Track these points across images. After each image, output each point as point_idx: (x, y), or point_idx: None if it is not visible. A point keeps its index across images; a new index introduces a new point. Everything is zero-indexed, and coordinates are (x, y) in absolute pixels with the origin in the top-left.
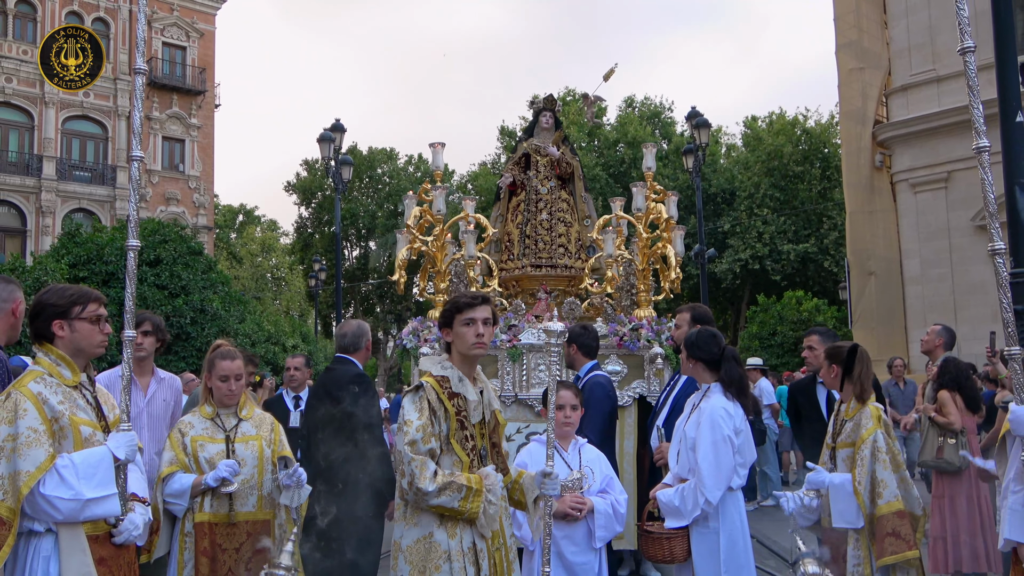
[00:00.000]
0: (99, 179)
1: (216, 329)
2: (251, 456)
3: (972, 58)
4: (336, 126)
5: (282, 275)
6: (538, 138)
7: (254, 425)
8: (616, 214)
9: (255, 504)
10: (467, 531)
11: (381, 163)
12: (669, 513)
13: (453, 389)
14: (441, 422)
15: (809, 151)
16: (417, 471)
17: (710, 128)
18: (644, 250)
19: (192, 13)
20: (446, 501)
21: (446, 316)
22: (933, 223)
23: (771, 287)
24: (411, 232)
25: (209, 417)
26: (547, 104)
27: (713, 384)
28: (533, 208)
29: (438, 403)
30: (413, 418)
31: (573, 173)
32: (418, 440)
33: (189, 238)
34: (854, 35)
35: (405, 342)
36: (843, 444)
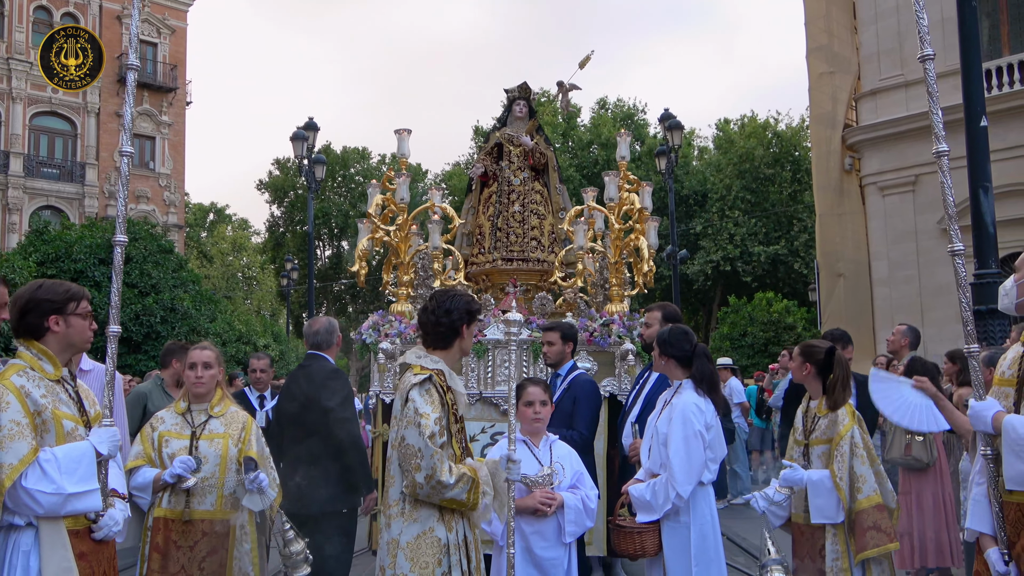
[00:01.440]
0: (67, 176)
1: (187, 328)
2: (214, 454)
3: (931, 65)
4: (309, 125)
5: (253, 274)
6: (511, 127)
7: (224, 423)
8: (588, 205)
9: (214, 503)
10: (461, 524)
11: (354, 162)
12: (641, 507)
13: (447, 383)
14: (446, 415)
15: (780, 154)
16: (438, 464)
17: (683, 130)
18: (617, 242)
19: (163, 9)
20: (458, 493)
21: (471, 316)
22: (901, 226)
23: (742, 288)
24: (372, 221)
25: (181, 412)
26: (521, 92)
27: (685, 380)
28: (505, 200)
29: (443, 396)
30: (428, 411)
31: (547, 164)
32: (436, 433)
33: (159, 236)
34: (824, 40)
35: (365, 337)
36: (818, 441)
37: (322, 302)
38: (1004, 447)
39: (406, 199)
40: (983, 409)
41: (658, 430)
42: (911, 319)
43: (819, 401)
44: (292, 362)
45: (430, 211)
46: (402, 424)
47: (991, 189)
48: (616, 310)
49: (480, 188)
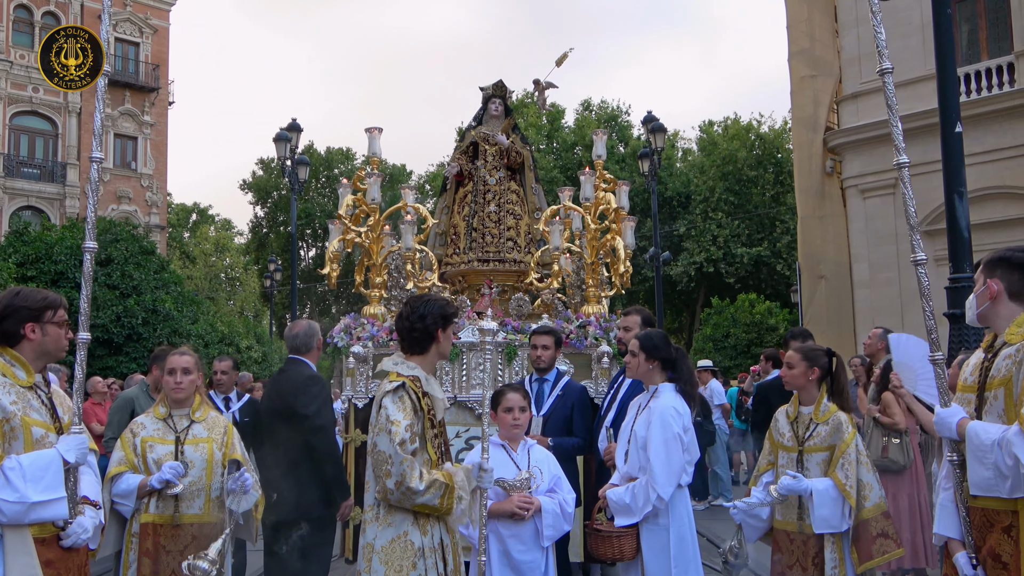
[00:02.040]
0: (48, 176)
1: (168, 330)
2: (200, 458)
3: (890, 79)
4: (292, 126)
5: (236, 275)
6: (487, 126)
7: (206, 428)
8: (564, 204)
9: (202, 506)
10: (437, 528)
11: (338, 163)
12: (619, 511)
13: (424, 388)
14: (420, 421)
15: (763, 156)
16: (408, 471)
17: (665, 133)
18: (593, 242)
19: (146, 9)
20: (429, 499)
21: (446, 319)
22: (881, 228)
23: (725, 290)
24: (343, 222)
25: (162, 418)
26: (497, 91)
27: (663, 384)
28: (481, 200)
29: (417, 403)
30: (400, 418)
31: (523, 163)
32: (407, 440)
33: (141, 237)
34: (806, 43)
35: (336, 340)
36: (817, 448)
37: (306, 303)
38: (968, 453)
39: (377, 199)
40: (948, 416)
41: (636, 434)
42: (891, 321)
43: (815, 407)
44: (275, 364)
45: (403, 211)
46: (375, 431)
47: (966, 194)
48: (593, 312)
49: (455, 187)
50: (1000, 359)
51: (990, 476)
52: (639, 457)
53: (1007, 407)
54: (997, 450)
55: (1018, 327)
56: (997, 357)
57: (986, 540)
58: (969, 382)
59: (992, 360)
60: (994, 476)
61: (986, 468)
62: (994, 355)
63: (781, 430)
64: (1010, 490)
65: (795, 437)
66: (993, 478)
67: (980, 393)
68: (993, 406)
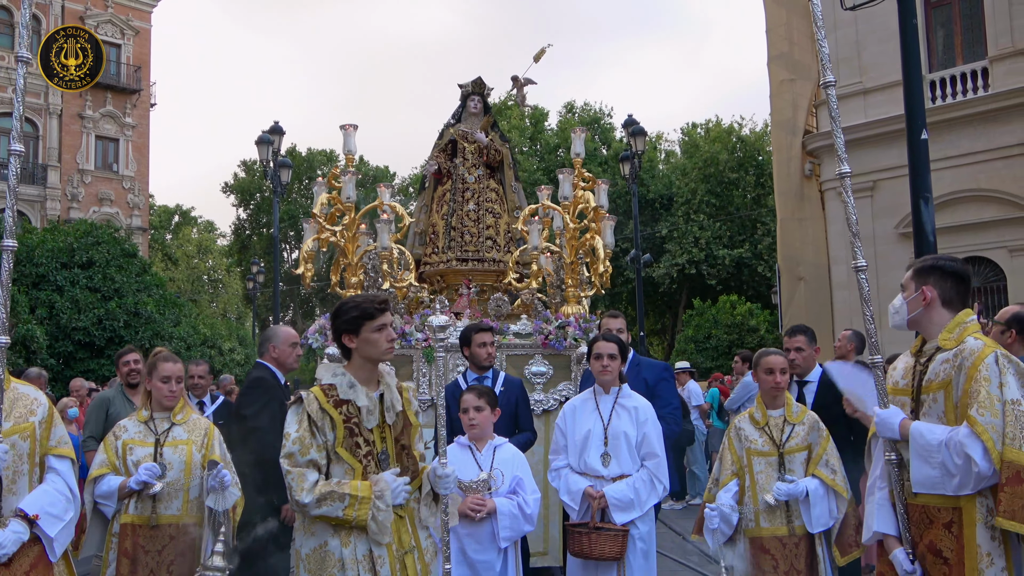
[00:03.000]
0: (28, 178)
1: (150, 332)
2: (178, 460)
3: (833, 91)
4: (275, 128)
5: (219, 277)
6: (466, 123)
7: (187, 430)
8: (542, 203)
9: (179, 508)
10: (362, 539)
11: (321, 165)
12: (623, 508)
13: (340, 396)
14: (327, 431)
15: (744, 158)
16: (295, 483)
17: (646, 136)
18: (572, 241)
19: (127, 10)
20: (328, 511)
21: (354, 323)
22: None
23: (707, 291)
24: (318, 221)
25: (143, 420)
26: (475, 88)
27: (624, 385)
28: (459, 198)
29: (320, 413)
30: (292, 431)
31: (503, 161)
32: (295, 452)
33: (123, 240)
34: (785, 47)
35: (311, 341)
36: (798, 448)
37: (288, 305)
38: (912, 453)
39: (353, 197)
40: (889, 417)
41: (626, 434)
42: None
43: (786, 409)
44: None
45: (379, 210)
46: None
47: (931, 200)
48: (572, 312)
49: (434, 186)
50: (937, 364)
51: (936, 475)
52: (630, 455)
53: (947, 409)
54: (945, 450)
55: (950, 333)
56: (932, 362)
57: (924, 536)
58: (901, 385)
59: (927, 364)
60: (940, 475)
61: (932, 467)
62: (928, 360)
63: (750, 437)
64: (957, 487)
65: (771, 441)
66: (939, 476)
67: (916, 396)
68: (932, 408)
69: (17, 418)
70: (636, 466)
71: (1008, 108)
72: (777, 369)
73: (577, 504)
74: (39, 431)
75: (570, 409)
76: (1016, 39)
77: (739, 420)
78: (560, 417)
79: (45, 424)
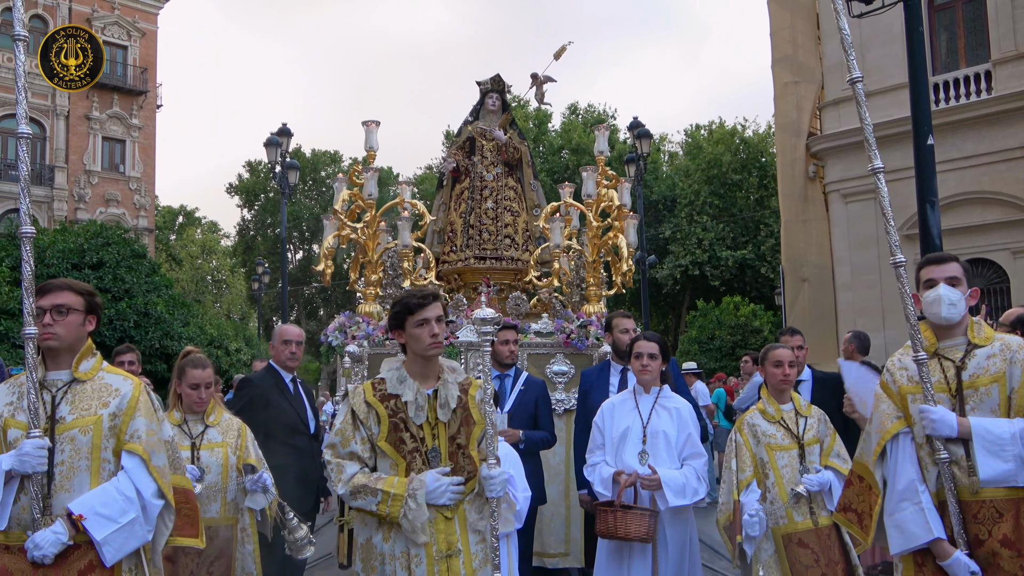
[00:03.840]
0: (36, 179)
1: (160, 333)
2: (216, 463)
3: (861, 87)
4: (283, 130)
5: (223, 278)
6: (484, 121)
7: (221, 432)
8: (565, 201)
9: (218, 510)
10: (401, 536)
11: (325, 165)
12: (675, 491)
13: (389, 390)
14: (372, 425)
15: (747, 160)
16: (333, 474)
17: (651, 138)
18: (594, 240)
19: (134, 12)
20: (363, 504)
21: (397, 318)
22: (863, 232)
23: (710, 292)
24: (339, 218)
25: (177, 423)
26: (494, 85)
27: (665, 386)
28: (478, 196)
29: (365, 407)
30: (337, 423)
31: (521, 159)
32: (336, 443)
33: (132, 241)
34: (789, 50)
35: (331, 339)
36: (815, 440)
37: (293, 305)
38: (978, 449)
39: (374, 195)
40: (945, 415)
41: (666, 433)
42: (873, 323)
43: (795, 403)
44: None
45: (399, 207)
46: None
47: (937, 204)
48: (594, 311)
49: (452, 184)
50: (980, 359)
51: (1010, 468)
52: (668, 455)
53: (1000, 402)
54: (1019, 443)
55: (977, 330)
56: (972, 358)
57: (994, 531)
58: (934, 382)
59: (964, 360)
60: (1015, 467)
61: (1004, 461)
62: (964, 356)
63: (767, 432)
64: None
65: (790, 434)
66: (1013, 469)
67: (959, 392)
68: (985, 402)
69: (84, 411)
70: (675, 466)
71: (1011, 111)
72: (786, 362)
73: (609, 489)
74: (108, 424)
75: (608, 407)
76: (1019, 42)
77: (750, 416)
78: (598, 415)
79: (124, 415)
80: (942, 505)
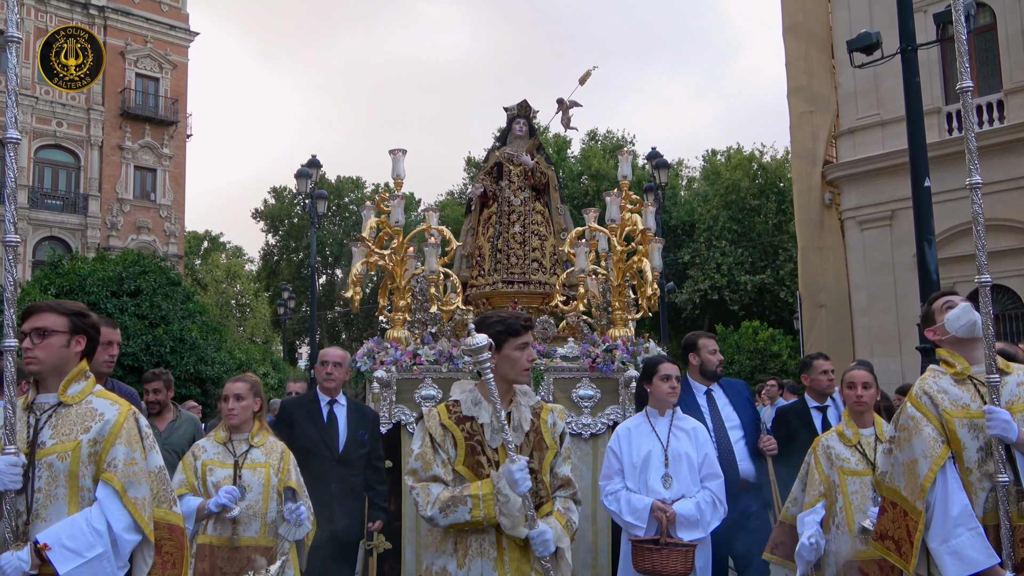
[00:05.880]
0: (71, 207)
1: (195, 358)
2: (257, 483)
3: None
4: (312, 162)
5: (246, 302)
6: (511, 146)
7: (264, 452)
8: (589, 226)
9: (258, 530)
10: (476, 562)
11: (349, 191)
12: (690, 525)
13: (464, 413)
14: (449, 448)
15: (765, 185)
16: (420, 499)
17: (669, 168)
18: (619, 264)
19: (166, 45)
20: (456, 518)
21: (495, 338)
22: (879, 258)
23: (729, 317)
24: (367, 245)
25: (222, 442)
26: (521, 111)
27: (678, 408)
28: (505, 221)
29: (441, 430)
30: (415, 447)
31: (548, 183)
32: (417, 468)
33: (168, 269)
34: (804, 80)
35: (359, 364)
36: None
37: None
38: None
39: (401, 221)
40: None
41: (687, 455)
42: (889, 348)
43: (877, 428)
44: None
45: (426, 233)
46: None
47: (934, 241)
48: (620, 335)
49: (480, 209)
50: (1012, 386)
51: None
52: (691, 476)
53: None
54: None
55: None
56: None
57: None
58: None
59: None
60: None
61: None
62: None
63: (841, 455)
64: None
65: (865, 459)
66: None
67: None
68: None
69: (64, 436)
70: (696, 487)
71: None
72: (859, 383)
73: (643, 521)
74: (87, 450)
75: (624, 432)
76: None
77: (826, 438)
78: (613, 440)
79: (105, 442)
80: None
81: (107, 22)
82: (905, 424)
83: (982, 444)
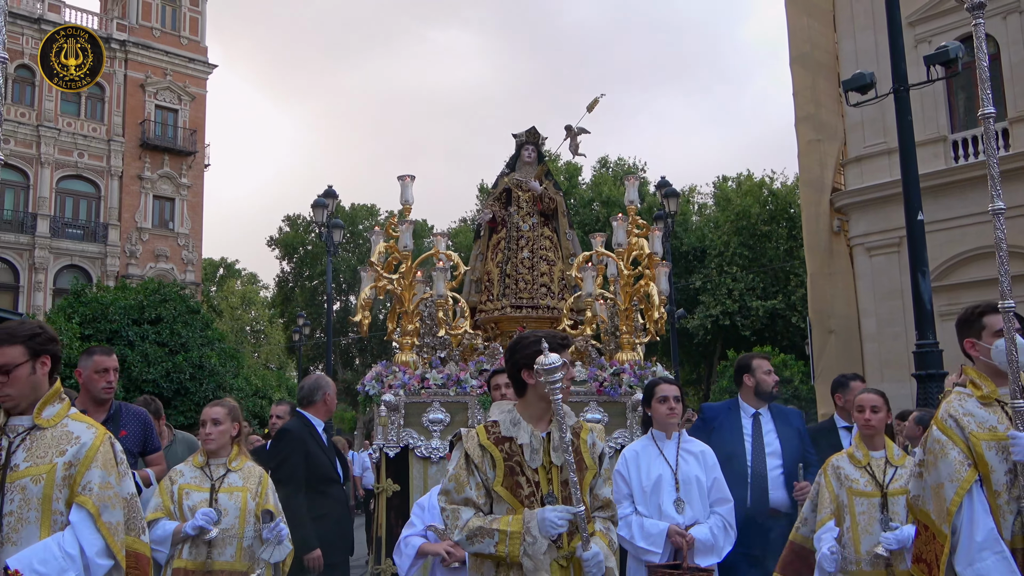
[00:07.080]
0: (91, 236)
1: (214, 384)
2: (233, 507)
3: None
4: (328, 192)
5: (261, 328)
6: (520, 172)
7: (242, 477)
8: (596, 250)
9: (233, 554)
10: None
11: (363, 219)
12: (706, 551)
13: (503, 433)
14: (487, 469)
15: (776, 211)
16: (448, 521)
17: (679, 197)
18: (626, 288)
19: (185, 78)
20: (481, 548)
21: (533, 357)
22: (887, 284)
23: (741, 342)
24: (375, 270)
25: (199, 466)
26: (530, 137)
27: (683, 430)
28: (514, 246)
29: (479, 451)
30: (451, 468)
31: (556, 209)
32: (451, 490)
33: (188, 297)
34: (812, 109)
35: (368, 388)
36: (902, 491)
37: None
38: None
39: (410, 246)
40: None
41: (697, 479)
42: (899, 373)
43: (887, 451)
44: None
45: (435, 259)
46: None
47: (928, 273)
48: (627, 359)
49: (489, 234)
50: None
51: None
52: (701, 501)
53: None
54: None
55: None
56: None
57: None
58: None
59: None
60: None
61: None
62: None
63: (850, 476)
64: None
65: (874, 481)
66: None
67: None
68: None
69: (39, 459)
70: (706, 512)
71: None
72: (868, 406)
73: (659, 547)
74: (62, 473)
75: (632, 455)
76: None
77: (836, 459)
78: (621, 464)
79: (80, 465)
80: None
81: (128, 55)
82: (931, 448)
83: (1010, 467)
